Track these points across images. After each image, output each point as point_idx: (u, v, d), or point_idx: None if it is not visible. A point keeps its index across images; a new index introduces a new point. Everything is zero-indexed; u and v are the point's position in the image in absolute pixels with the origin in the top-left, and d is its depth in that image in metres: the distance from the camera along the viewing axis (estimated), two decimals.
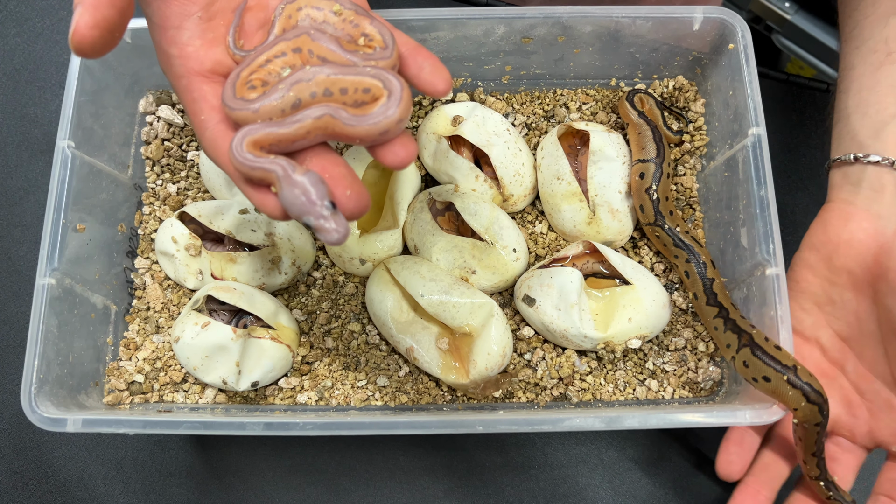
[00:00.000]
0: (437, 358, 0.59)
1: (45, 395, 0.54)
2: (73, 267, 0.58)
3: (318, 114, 0.39)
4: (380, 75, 0.39)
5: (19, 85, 0.76)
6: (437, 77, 0.42)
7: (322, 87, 0.40)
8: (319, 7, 0.43)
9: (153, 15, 0.42)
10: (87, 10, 0.37)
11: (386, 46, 0.41)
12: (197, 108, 0.42)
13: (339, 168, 0.40)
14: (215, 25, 0.43)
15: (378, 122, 0.39)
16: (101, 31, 0.37)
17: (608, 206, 0.61)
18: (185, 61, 0.42)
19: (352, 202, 0.39)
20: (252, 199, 0.40)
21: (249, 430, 0.52)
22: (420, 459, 0.63)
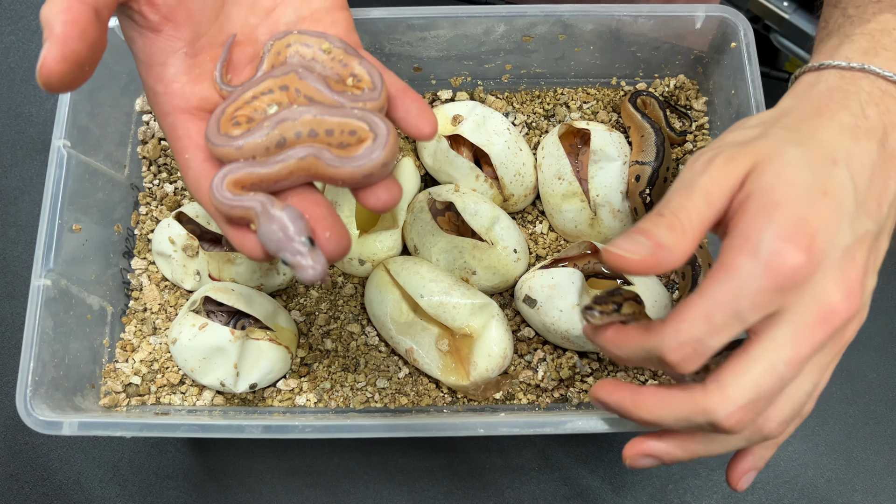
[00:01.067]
0: (438, 359, 0.58)
1: (40, 397, 0.53)
2: (68, 268, 0.57)
3: (301, 154, 0.38)
4: (366, 117, 0.39)
5: (14, 83, 0.75)
6: (423, 121, 0.41)
7: (308, 128, 0.39)
8: (308, 44, 0.43)
9: (138, 52, 0.41)
10: (54, 44, 0.36)
11: (374, 87, 0.40)
12: (181, 147, 0.41)
13: (320, 208, 0.39)
14: (201, 61, 0.43)
15: (362, 165, 0.38)
16: (70, 66, 0.36)
17: (609, 207, 0.61)
18: (170, 98, 0.42)
19: (331, 244, 0.38)
20: (232, 240, 0.39)
21: (248, 432, 0.52)
22: (419, 461, 0.63)
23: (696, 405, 0.38)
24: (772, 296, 0.36)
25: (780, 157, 0.38)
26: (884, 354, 0.65)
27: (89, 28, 0.36)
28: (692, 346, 0.37)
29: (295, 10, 0.44)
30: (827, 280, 0.37)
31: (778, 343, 0.37)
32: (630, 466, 0.44)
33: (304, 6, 0.44)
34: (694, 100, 0.66)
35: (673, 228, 0.38)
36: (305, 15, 0.44)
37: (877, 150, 0.40)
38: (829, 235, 0.37)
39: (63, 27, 0.36)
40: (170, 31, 0.41)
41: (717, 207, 0.39)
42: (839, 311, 0.37)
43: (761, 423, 0.39)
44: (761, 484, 0.62)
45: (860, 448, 0.63)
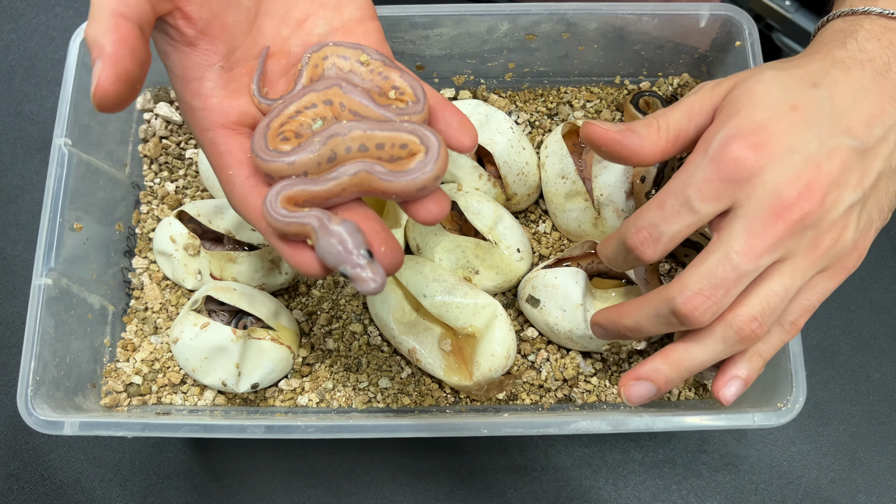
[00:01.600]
0: (440, 359, 0.58)
1: (41, 397, 0.53)
2: (69, 267, 0.57)
3: (353, 170, 0.38)
4: (417, 131, 0.39)
5: (14, 82, 0.75)
6: (464, 134, 0.42)
7: (358, 143, 0.39)
8: (346, 56, 0.42)
9: (173, 66, 0.41)
10: (107, 64, 0.36)
11: (417, 101, 0.40)
12: (224, 163, 0.41)
13: (373, 223, 0.39)
14: (237, 75, 0.42)
15: (416, 179, 0.38)
16: (124, 85, 0.36)
17: (613, 206, 0.61)
18: (209, 114, 0.41)
19: (387, 259, 0.38)
20: (288, 258, 0.39)
21: (250, 432, 0.51)
22: (422, 461, 0.63)
23: (660, 297, 0.42)
24: (718, 186, 0.40)
25: (755, 76, 0.42)
26: (888, 355, 0.64)
27: (138, 45, 0.36)
28: (647, 230, 0.42)
29: (327, 22, 0.44)
30: (779, 177, 0.39)
31: (732, 235, 0.40)
32: (628, 400, 0.45)
33: (335, 17, 0.44)
34: None
35: (649, 125, 0.44)
36: (337, 26, 0.44)
37: (871, 77, 0.41)
38: (787, 140, 0.39)
39: (114, 46, 0.36)
40: (205, 45, 0.41)
41: (697, 122, 0.43)
42: (792, 207, 0.39)
43: (731, 318, 0.41)
44: (764, 485, 0.61)
45: (864, 449, 0.62)
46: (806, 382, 0.52)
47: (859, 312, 0.65)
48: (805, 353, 0.53)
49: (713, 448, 0.62)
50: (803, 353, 0.53)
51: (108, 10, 0.37)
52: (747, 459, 0.62)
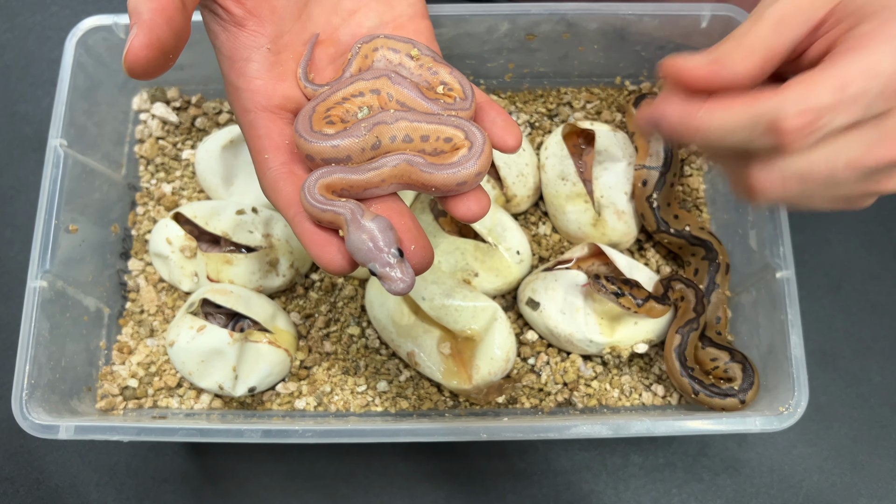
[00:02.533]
0: (439, 362, 0.58)
1: (36, 400, 0.52)
2: (65, 269, 0.57)
3: (395, 162, 0.38)
4: (463, 126, 0.39)
5: (10, 82, 0.74)
6: (508, 134, 0.41)
7: (403, 133, 0.39)
8: (396, 49, 0.43)
9: (221, 46, 0.41)
10: (142, 31, 0.36)
11: (466, 97, 0.40)
12: (261, 146, 0.41)
13: (406, 219, 0.39)
14: (284, 59, 0.42)
15: (457, 173, 0.37)
16: (156, 53, 0.36)
17: (614, 208, 0.60)
18: (252, 95, 0.41)
19: (416, 256, 0.38)
20: (312, 250, 0.38)
21: (247, 437, 0.51)
22: (420, 465, 0.62)
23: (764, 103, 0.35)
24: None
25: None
26: (889, 358, 0.64)
27: (176, 16, 0.36)
28: (814, 114, 0.34)
29: (378, 15, 0.44)
30: None
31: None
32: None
33: (387, 11, 0.44)
34: None
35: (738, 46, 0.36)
36: (388, 20, 0.44)
37: None
38: None
39: (151, 14, 0.36)
40: (253, 26, 0.41)
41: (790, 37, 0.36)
42: None
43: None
44: (765, 488, 0.61)
45: (865, 452, 0.62)
46: (808, 386, 0.52)
47: (861, 315, 0.65)
48: (806, 356, 0.53)
49: (714, 452, 0.62)
50: (805, 357, 0.52)
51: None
52: (748, 463, 0.62)
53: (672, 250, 0.62)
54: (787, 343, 0.52)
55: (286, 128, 0.41)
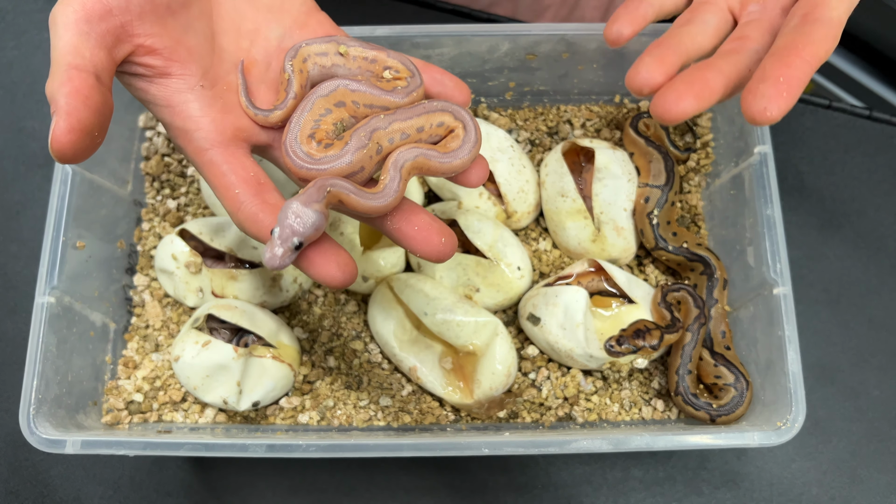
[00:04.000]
0: (441, 377, 0.58)
1: (43, 415, 0.53)
2: (72, 284, 0.57)
3: (411, 156, 0.42)
4: (448, 108, 0.43)
5: (17, 98, 0.75)
6: (459, 92, 0.45)
7: (399, 132, 0.42)
8: (324, 53, 0.44)
9: (155, 99, 0.42)
10: (61, 117, 0.37)
11: (413, 74, 0.43)
12: (228, 182, 0.41)
13: (422, 216, 0.43)
14: (220, 93, 0.43)
15: (466, 157, 0.43)
16: (80, 135, 0.37)
17: (613, 224, 0.61)
18: (205, 134, 0.42)
19: (448, 247, 0.43)
20: (311, 273, 0.41)
21: (252, 451, 0.51)
22: (422, 479, 0.63)
23: None
24: None
25: None
26: (887, 372, 0.65)
27: (92, 95, 0.37)
28: None
29: (278, 24, 0.45)
30: None
31: None
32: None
33: (284, 18, 0.46)
34: (697, 117, 0.66)
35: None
36: (289, 24, 0.46)
37: None
38: None
39: (66, 98, 0.37)
40: (178, 70, 0.41)
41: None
42: None
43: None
44: (765, 502, 0.61)
45: (864, 466, 0.63)
46: (805, 400, 0.52)
47: (858, 329, 0.66)
48: (804, 370, 0.53)
49: (713, 465, 0.62)
50: (802, 372, 0.53)
51: (63, 64, 0.38)
52: (747, 477, 0.62)
53: (671, 266, 0.63)
54: (785, 358, 0.53)
55: (246, 159, 0.42)
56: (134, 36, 0.40)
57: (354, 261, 0.41)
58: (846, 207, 0.69)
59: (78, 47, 0.38)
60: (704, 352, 0.58)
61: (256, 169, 0.43)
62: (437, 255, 0.43)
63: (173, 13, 0.41)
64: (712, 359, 0.58)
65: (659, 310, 0.58)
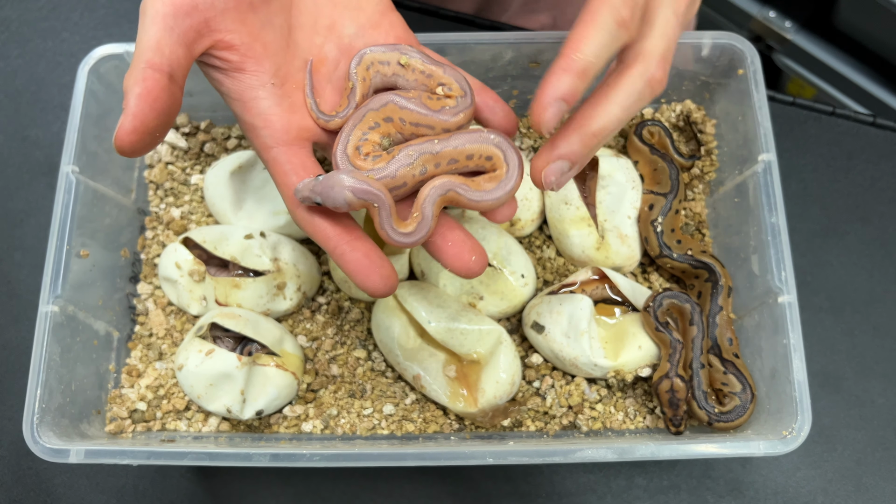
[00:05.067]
0: (445, 386, 0.58)
1: (47, 424, 0.53)
2: (75, 293, 0.57)
3: (443, 190, 0.43)
4: (501, 145, 0.44)
5: (21, 106, 0.75)
6: (508, 121, 0.47)
7: (448, 158, 0.44)
8: (386, 62, 0.46)
9: (229, 92, 0.44)
10: (127, 118, 0.39)
11: (465, 94, 0.45)
12: (289, 181, 0.44)
13: (457, 232, 0.45)
14: (289, 91, 0.45)
15: (499, 198, 0.44)
16: (141, 136, 0.40)
17: (617, 231, 0.61)
18: (271, 132, 0.44)
19: (477, 266, 0.44)
20: (357, 280, 0.43)
21: (256, 461, 0.51)
22: (426, 488, 0.62)
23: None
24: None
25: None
26: (892, 380, 0.64)
27: (162, 96, 0.40)
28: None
29: (352, 21, 0.47)
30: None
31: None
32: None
33: (359, 15, 0.47)
34: (702, 123, 0.66)
35: None
36: (363, 22, 0.47)
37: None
38: None
39: (136, 100, 0.39)
40: (253, 66, 0.43)
41: None
42: None
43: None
44: None
45: (869, 474, 0.62)
46: (811, 410, 0.52)
47: (863, 338, 0.66)
48: (809, 378, 0.53)
49: (718, 474, 0.62)
50: (808, 380, 0.53)
51: (142, 61, 0.40)
52: (752, 485, 0.62)
53: (675, 274, 0.63)
54: (790, 367, 0.53)
55: (308, 160, 0.44)
56: (215, 31, 0.42)
57: (396, 273, 0.44)
58: (850, 215, 0.69)
59: (160, 43, 0.40)
60: (714, 358, 0.58)
61: (318, 169, 0.44)
62: (467, 271, 0.44)
63: (255, 9, 0.43)
64: (722, 366, 0.58)
65: (658, 335, 0.58)
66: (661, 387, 0.56)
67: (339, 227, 0.44)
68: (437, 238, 0.45)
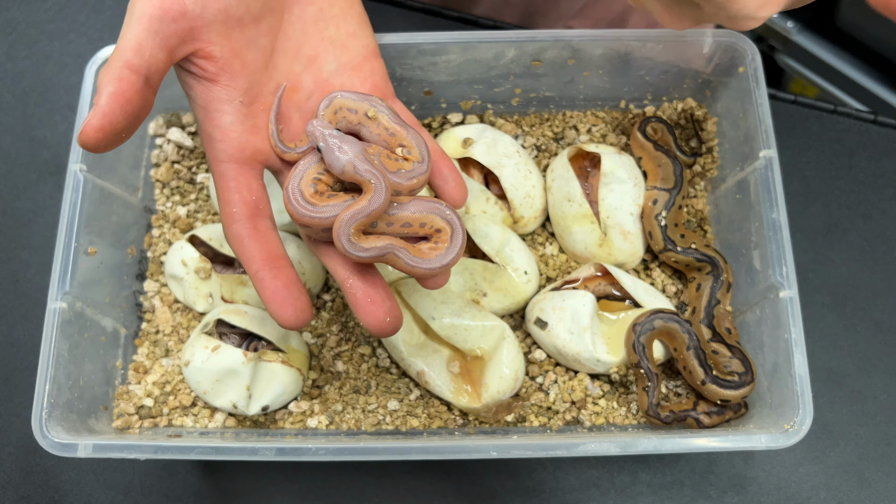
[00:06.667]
0: (449, 381, 0.59)
1: (55, 420, 0.54)
2: (83, 290, 0.58)
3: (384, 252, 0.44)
4: (452, 221, 0.45)
5: (28, 107, 0.76)
6: (458, 193, 0.47)
7: (402, 222, 0.44)
8: (355, 110, 0.46)
9: (196, 97, 0.44)
10: (95, 115, 0.39)
11: (422, 160, 0.45)
12: (230, 199, 0.44)
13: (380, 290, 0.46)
14: (255, 111, 0.45)
15: (434, 269, 0.45)
16: (107, 135, 0.39)
17: (619, 228, 0.61)
18: (226, 146, 0.44)
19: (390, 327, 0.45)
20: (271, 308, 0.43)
21: (261, 455, 0.52)
22: (431, 483, 0.63)
23: None
24: None
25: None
26: (894, 376, 0.65)
27: (134, 99, 0.39)
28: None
29: (335, 59, 0.47)
30: None
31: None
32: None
33: (343, 54, 0.47)
34: (703, 121, 0.66)
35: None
36: (345, 62, 0.47)
37: None
38: None
39: (107, 99, 0.39)
40: (226, 80, 0.43)
41: None
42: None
43: None
44: None
45: (872, 470, 0.63)
46: (812, 404, 0.52)
47: (865, 333, 0.66)
48: (811, 374, 0.54)
49: (721, 469, 0.63)
50: (809, 375, 0.53)
51: (121, 60, 0.39)
52: (755, 480, 0.62)
53: (678, 269, 0.63)
54: (791, 361, 0.53)
55: (255, 182, 0.45)
56: (198, 40, 0.42)
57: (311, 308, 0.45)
58: (852, 212, 0.69)
59: (141, 44, 0.40)
60: (721, 346, 0.58)
61: (261, 193, 0.45)
62: (379, 330, 0.44)
63: (242, 26, 0.43)
64: (729, 351, 0.58)
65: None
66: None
67: (266, 252, 0.44)
68: (360, 293, 0.44)
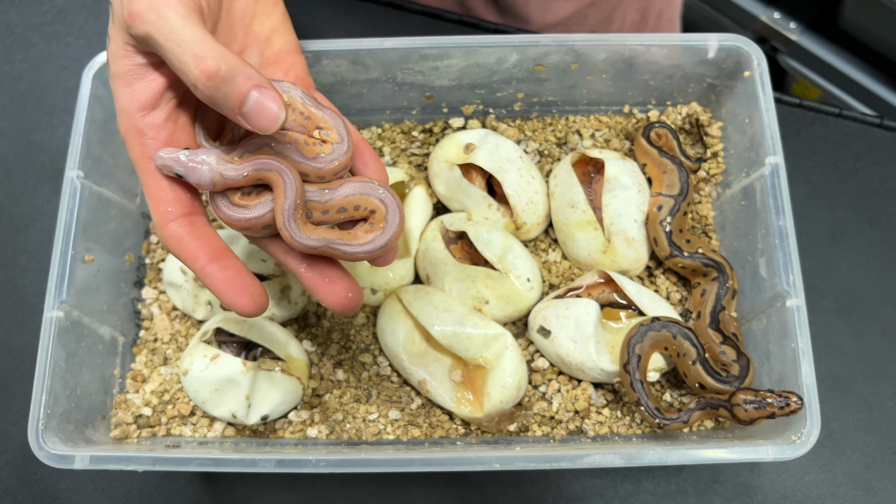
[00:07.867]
0: (451, 390, 0.58)
1: (52, 430, 0.53)
2: (80, 298, 0.57)
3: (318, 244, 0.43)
4: (386, 199, 0.45)
5: (26, 111, 0.75)
6: (379, 177, 0.47)
7: (336, 207, 0.44)
8: None
9: (120, 98, 0.43)
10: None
11: (341, 140, 0.45)
12: (164, 197, 0.43)
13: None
14: (183, 109, 0.45)
15: (372, 250, 0.44)
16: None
17: (623, 235, 0.61)
18: (158, 144, 0.43)
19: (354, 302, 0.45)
20: (226, 298, 0.43)
21: (261, 466, 0.51)
22: (432, 493, 0.62)
23: None
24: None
25: None
26: None
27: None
28: None
29: (259, 53, 0.49)
30: None
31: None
32: None
33: (266, 49, 0.49)
34: (708, 126, 0.66)
35: None
36: (269, 56, 0.49)
37: None
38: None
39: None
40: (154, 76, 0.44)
41: None
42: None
43: None
44: None
45: (878, 478, 0.62)
46: (820, 414, 0.52)
47: (872, 341, 0.65)
48: (818, 381, 0.53)
49: (726, 478, 0.62)
50: (816, 384, 0.52)
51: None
52: (761, 490, 0.62)
53: (683, 275, 0.62)
54: (799, 372, 0.52)
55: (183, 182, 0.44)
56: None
57: (266, 294, 0.45)
58: (858, 217, 0.68)
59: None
60: (730, 349, 0.57)
61: (193, 189, 0.45)
62: (344, 308, 0.45)
63: None
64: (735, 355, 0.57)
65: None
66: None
67: (209, 247, 0.43)
68: (316, 276, 0.45)
